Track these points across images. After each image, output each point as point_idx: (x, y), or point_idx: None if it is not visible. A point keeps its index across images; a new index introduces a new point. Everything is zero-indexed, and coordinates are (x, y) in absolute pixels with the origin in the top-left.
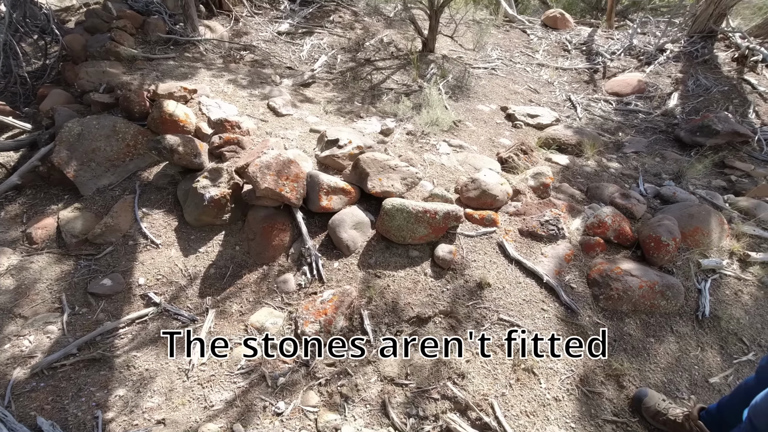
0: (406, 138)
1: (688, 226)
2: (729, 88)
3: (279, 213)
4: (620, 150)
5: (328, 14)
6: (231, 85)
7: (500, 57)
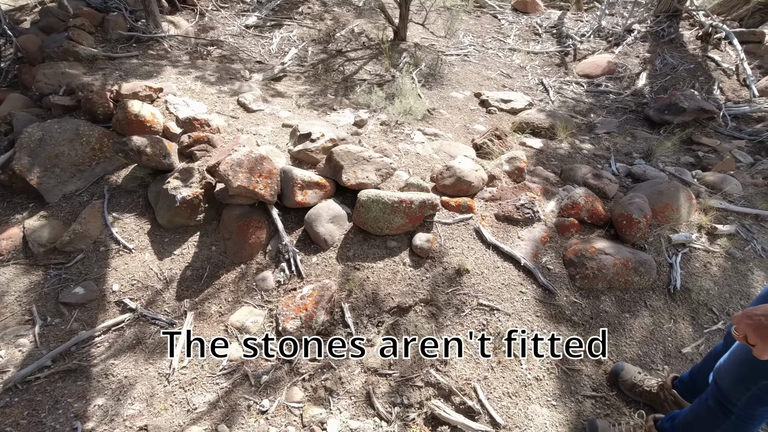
0: (380, 129)
1: (659, 202)
2: (694, 66)
3: (254, 210)
4: (592, 131)
5: (296, 5)
6: (199, 82)
7: (472, 43)
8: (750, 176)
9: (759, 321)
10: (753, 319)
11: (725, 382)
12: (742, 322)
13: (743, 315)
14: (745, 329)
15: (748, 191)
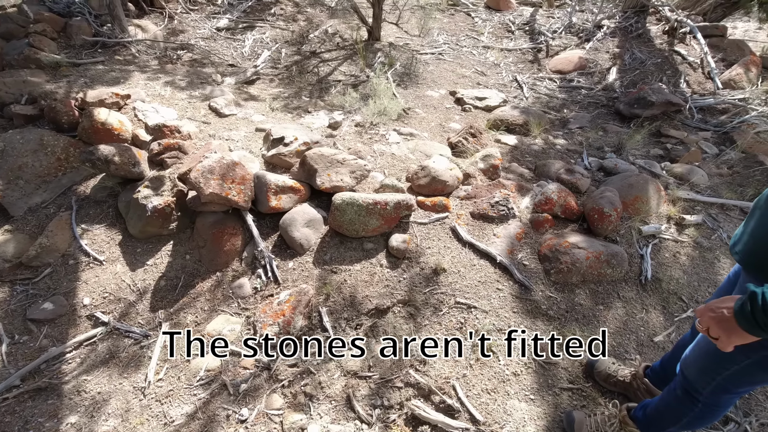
0: (354, 130)
1: (629, 195)
2: (662, 60)
3: (228, 217)
4: (566, 126)
5: (268, 7)
6: (169, 87)
7: (446, 41)
8: (715, 166)
9: (721, 314)
10: (716, 312)
11: (691, 373)
12: (705, 316)
13: (706, 308)
14: (708, 322)
15: (714, 181)
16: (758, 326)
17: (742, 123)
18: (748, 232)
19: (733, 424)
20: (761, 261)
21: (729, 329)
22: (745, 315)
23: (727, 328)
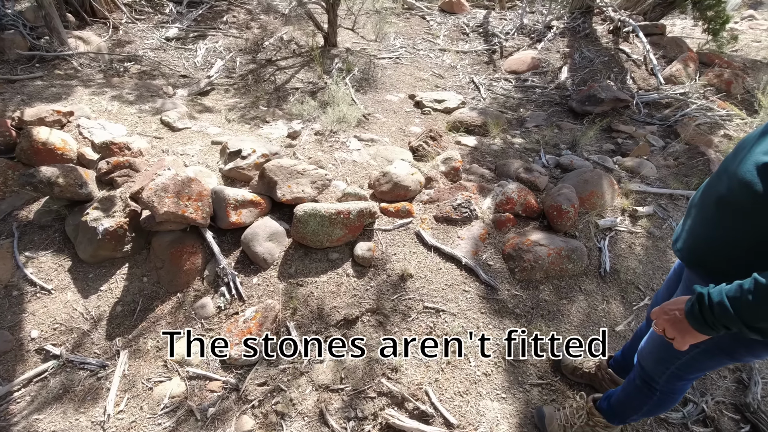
0: (314, 139)
1: (585, 191)
2: (608, 59)
3: (187, 235)
4: (523, 125)
5: (220, 15)
6: (116, 102)
7: (403, 45)
8: (662, 159)
9: (674, 316)
10: (669, 315)
11: (648, 364)
12: (660, 318)
13: (660, 311)
14: (663, 324)
15: (662, 173)
16: (708, 326)
17: (684, 116)
18: (687, 230)
19: (692, 404)
20: (700, 258)
21: (683, 330)
22: (695, 316)
23: (681, 329)
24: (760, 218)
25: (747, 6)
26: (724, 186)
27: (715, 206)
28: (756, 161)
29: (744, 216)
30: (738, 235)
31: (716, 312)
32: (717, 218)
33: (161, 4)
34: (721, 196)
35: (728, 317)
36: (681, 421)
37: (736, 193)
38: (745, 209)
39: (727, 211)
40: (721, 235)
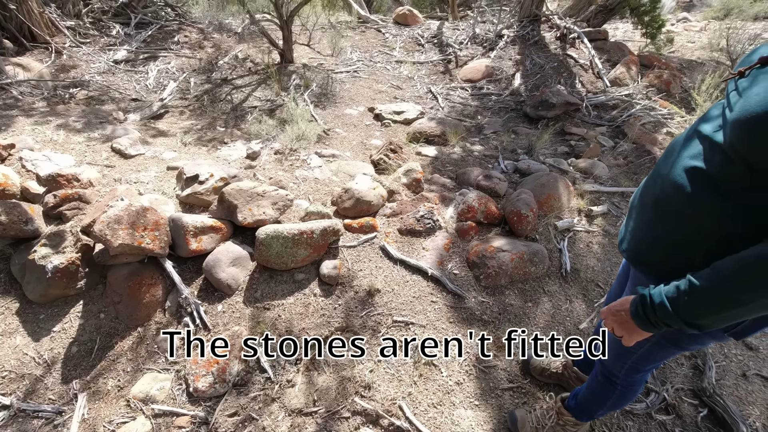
0: (274, 158)
1: (542, 194)
2: (558, 64)
3: (145, 266)
4: (481, 132)
5: (171, 35)
6: (62, 131)
7: (360, 58)
8: (613, 158)
9: (621, 317)
10: (616, 316)
11: (607, 360)
12: (608, 319)
13: (608, 312)
14: (611, 324)
15: (613, 172)
16: (652, 324)
17: (630, 116)
18: (630, 231)
19: (654, 394)
20: (644, 258)
21: (630, 329)
22: (639, 317)
23: (628, 329)
24: (693, 218)
25: (681, 8)
26: (658, 188)
27: (652, 208)
28: (684, 165)
29: (677, 217)
30: (675, 236)
31: (658, 312)
32: (655, 220)
33: (107, 26)
34: (657, 198)
35: (669, 317)
36: (645, 411)
37: (670, 195)
38: (679, 210)
39: (663, 212)
40: (660, 235)
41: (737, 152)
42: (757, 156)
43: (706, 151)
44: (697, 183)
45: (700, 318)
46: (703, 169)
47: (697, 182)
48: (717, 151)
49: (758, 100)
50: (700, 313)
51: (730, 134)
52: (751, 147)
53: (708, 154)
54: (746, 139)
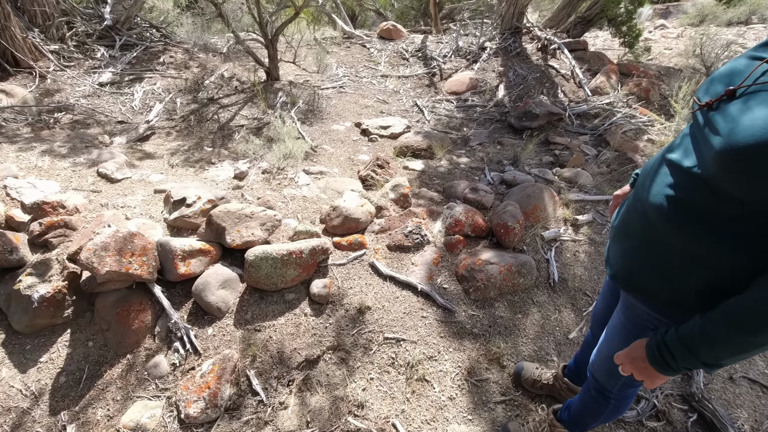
0: (262, 177)
1: (528, 205)
2: (540, 74)
3: (133, 292)
4: (467, 144)
5: (156, 56)
6: (47, 156)
7: (346, 74)
8: (596, 166)
9: (639, 364)
10: (634, 364)
11: (600, 376)
12: (626, 366)
13: (625, 359)
14: (630, 371)
15: (597, 180)
16: (672, 369)
17: (612, 125)
18: (618, 256)
19: (644, 401)
20: (636, 285)
21: (651, 375)
22: (659, 363)
23: (649, 374)
24: (683, 249)
25: (658, 15)
26: (643, 214)
27: (640, 235)
28: (664, 194)
29: (667, 247)
30: (668, 265)
31: (678, 358)
32: (644, 248)
33: (92, 48)
34: (643, 225)
35: (689, 361)
36: (636, 418)
37: (656, 224)
38: (668, 240)
39: (652, 241)
40: (652, 264)
41: (719, 183)
42: (743, 189)
43: (684, 182)
44: (680, 213)
45: (721, 360)
46: (684, 200)
47: (680, 212)
48: (697, 181)
49: (750, 133)
50: (719, 356)
51: (712, 167)
52: (733, 180)
53: (686, 184)
54: (727, 171)
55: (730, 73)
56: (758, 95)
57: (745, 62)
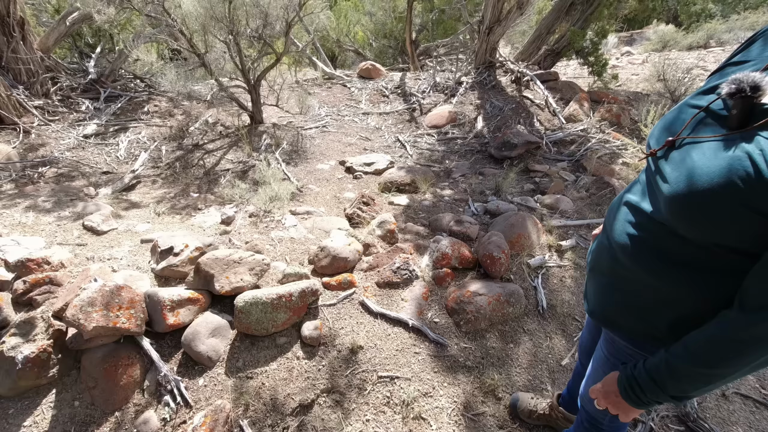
0: (249, 221)
1: (512, 234)
2: (516, 105)
3: (121, 346)
4: (450, 176)
5: (141, 105)
6: (31, 212)
7: (328, 113)
8: (576, 191)
9: (612, 398)
10: (608, 398)
11: (590, 408)
12: (600, 400)
13: (599, 393)
14: (605, 404)
15: (578, 205)
16: (644, 403)
17: (587, 150)
18: (593, 294)
19: (641, 424)
20: (612, 321)
21: (624, 408)
22: (630, 398)
23: (623, 408)
24: (653, 287)
25: (623, 43)
26: (611, 254)
27: (609, 274)
28: (628, 232)
29: (637, 285)
30: (639, 303)
31: (647, 392)
32: (616, 285)
33: (76, 102)
34: (612, 264)
35: (658, 395)
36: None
37: (624, 263)
38: (637, 278)
39: (621, 279)
40: (624, 301)
41: (674, 226)
42: (694, 232)
43: (644, 222)
44: (643, 252)
45: (688, 392)
46: (645, 239)
47: (643, 251)
48: (655, 223)
49: (688, 182)
50: (686, 389)
51: (665, 211)
52: (684, 223)
53: (646, 225)
54: (677, 216)
55: (673, 120)
56: (695, 146)
57: (687, 110)
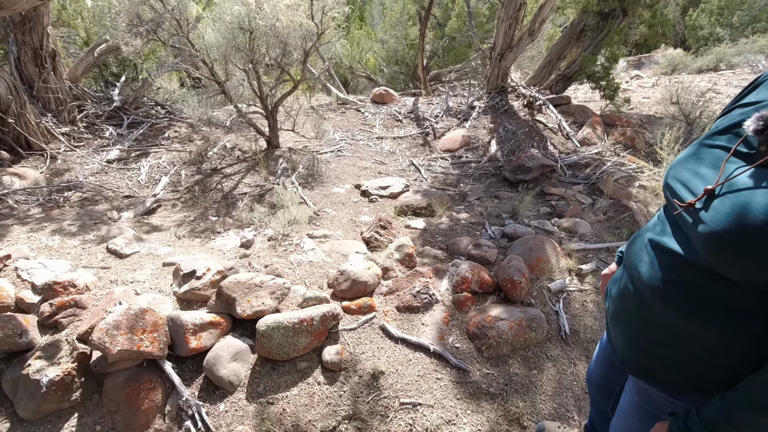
0: (268, 245)
1: (532, 258)
2: (529, 129)
3: (143, 370)
4: (465, 200)
5: (161, 131)
6: (57, 235)
7: (343, 138)
8: (593, 215)
9: None
10: None
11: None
12: None
13: None
14: None
15: (596, 228)
16: None
17: (603, 173)
18: (622, 343)
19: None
20: (650, 374)
21: None
22: None
23: None
24: (696, 337)
25: (632, 66)
26: (640, 299)
27: (643, 324)
28: (661, 278)
29: (676, 335)
30: (681, 356)
31: None
32: (652, 336)
33: (101, 128)
34: (645, 312)
35: None
36: None
37: (659, 311)
38: (677, 328)
39: (659, 328)
40: (664, 354)
41: (714, 267)
42: (736, 271)
43: (678, 265)
44: (681, 297)
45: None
46: (681, 282)
47: (681, 296)
48: (691, 266)
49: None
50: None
51: (704, 253)
52: (726, 262)
53: (681, 268)
54: (719, 254)
55: (696, 165)
56: (734, 194)
57: (704, 151)
